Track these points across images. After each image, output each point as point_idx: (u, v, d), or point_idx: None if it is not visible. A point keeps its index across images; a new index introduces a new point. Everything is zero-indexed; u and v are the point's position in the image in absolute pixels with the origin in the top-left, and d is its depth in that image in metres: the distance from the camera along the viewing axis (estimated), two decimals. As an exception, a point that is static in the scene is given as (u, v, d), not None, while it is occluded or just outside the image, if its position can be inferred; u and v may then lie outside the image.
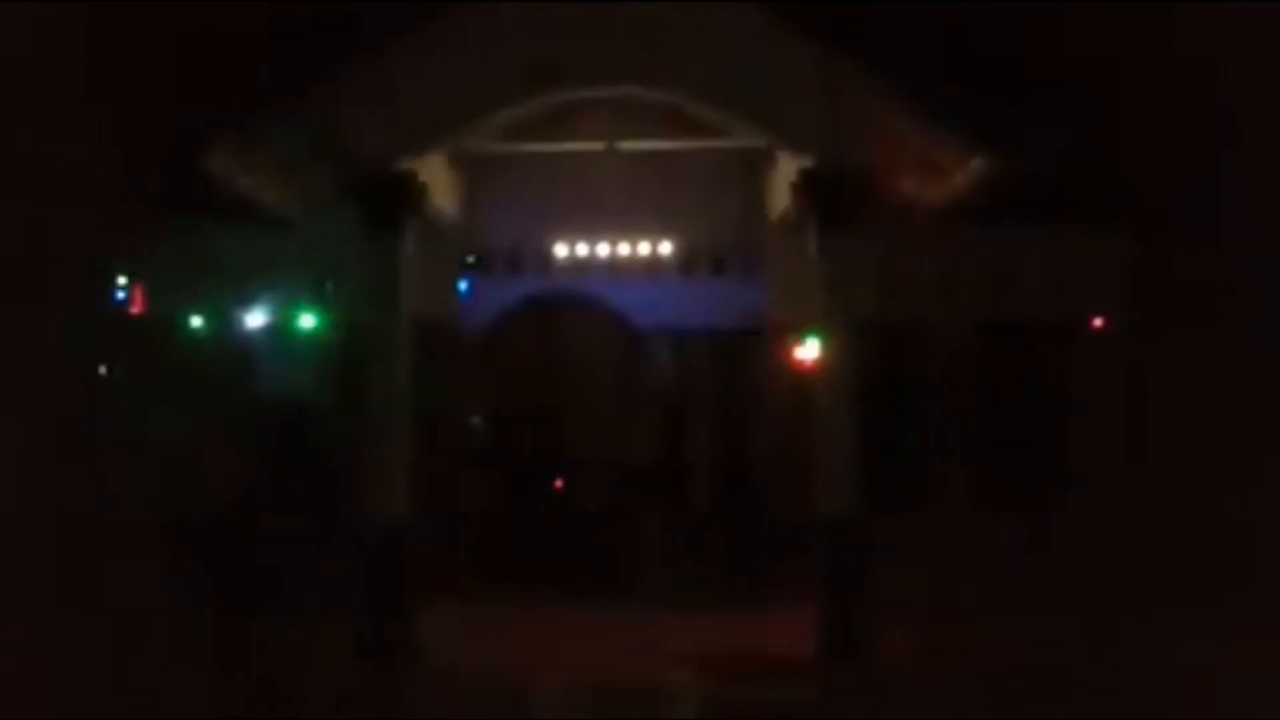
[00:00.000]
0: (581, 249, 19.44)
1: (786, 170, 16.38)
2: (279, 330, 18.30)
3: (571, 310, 19.36)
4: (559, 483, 19.28)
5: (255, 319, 18.17)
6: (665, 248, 19.47)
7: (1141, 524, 16.63)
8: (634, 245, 19.45)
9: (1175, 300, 17.00)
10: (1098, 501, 17.45)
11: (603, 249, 19.45)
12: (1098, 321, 18.06)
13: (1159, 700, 11.95)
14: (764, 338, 18.67)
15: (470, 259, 19.31)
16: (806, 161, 15.21)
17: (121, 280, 17.82)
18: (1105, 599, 15.53)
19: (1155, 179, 16.57)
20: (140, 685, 12.41)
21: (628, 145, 17.73)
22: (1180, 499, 16.41)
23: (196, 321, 18.32)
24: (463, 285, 19.17)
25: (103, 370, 17.87)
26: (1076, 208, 17.47)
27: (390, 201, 15.21)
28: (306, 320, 18.15)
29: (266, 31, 16.28)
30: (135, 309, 17.99)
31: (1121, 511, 17.04)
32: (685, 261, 19.49)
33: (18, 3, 12.66)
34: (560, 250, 19.46)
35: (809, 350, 16.49)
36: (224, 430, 17.60)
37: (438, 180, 17.08)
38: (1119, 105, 16.81)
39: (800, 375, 17.33)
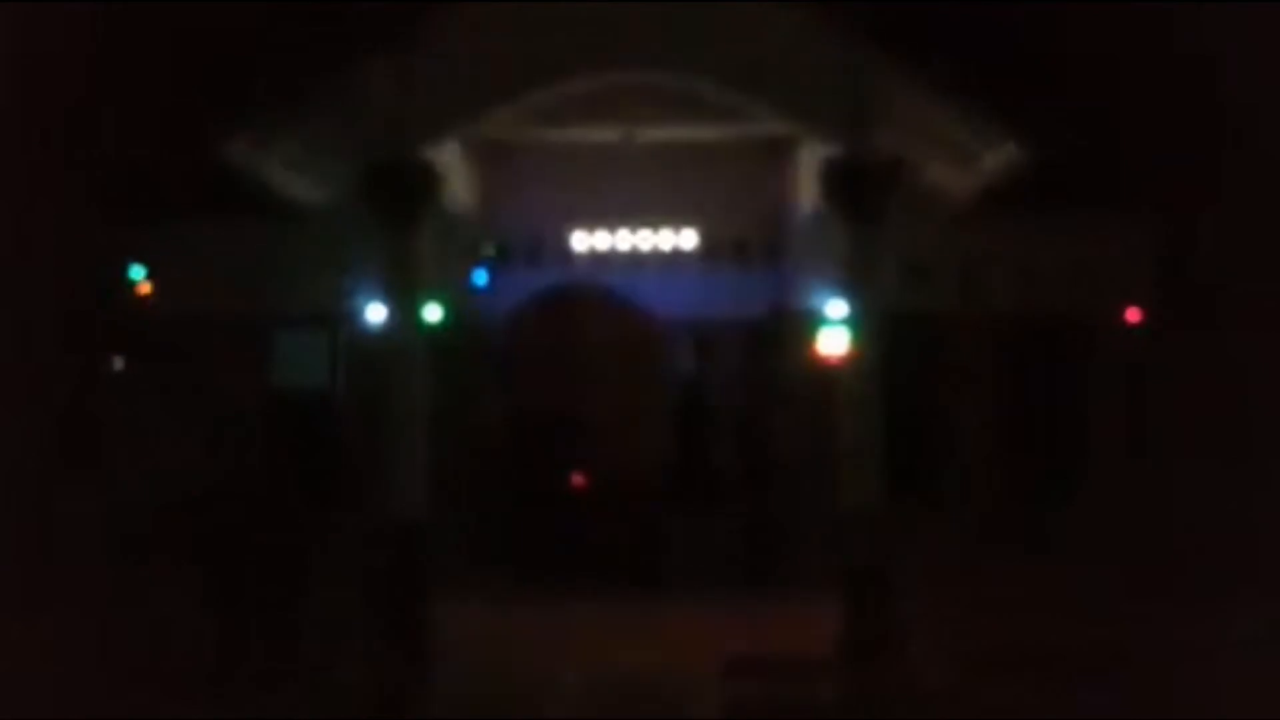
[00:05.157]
0: (602, 239, 19.19)
1: (811, 158, 16.10)
2: (299, 325, 18.21)
3: (591, 302, 19.11)
4: (578, 478, 19.05)
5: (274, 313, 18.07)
6: (687, 238, 19.21)
7: (1162, 521, 16.42)
8: (655, 235, 19.20)
9: (1195, 298, 16.85)
10: (1117, 497, 17.21)
11: (623, 239, 19.21)
12: (1132, 314, 17.78)
13: (1162, 698, 11.77)
14: (787, 329, 18.40)
15: (489, 250, 19.05)
16: (832, 149, 14.91)
17: (139, 275, 17.74)
18: (1129, 596, 15.31)
19: (1178, 174, 16.42)
20: (141, 684, 12.30)
21: (649, 133, 17.50)
22: (1191, 497, 16.26)
23: (216, 316, 18.17)
24: (481, 277, 18.93)
25: (119, 365, 17.89)
26: (1102, 199, 17.23)
27: (406, 192, 14.96)
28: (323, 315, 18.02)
29: (282, 23, 16.17)
30: (151, 304, 17.88)
31: (1143, 508, 16.81)
32: (707, 252, 19.21)
33: (20, 3, 12.55)
34: (580, 241, 19.22)
35: (831, 341, 16.26)
36: (238, 425, 17.47)
37: (455, 170, 16.85)
38: (1145, 98, 16.60)
39: (823, 367, 17.08)
